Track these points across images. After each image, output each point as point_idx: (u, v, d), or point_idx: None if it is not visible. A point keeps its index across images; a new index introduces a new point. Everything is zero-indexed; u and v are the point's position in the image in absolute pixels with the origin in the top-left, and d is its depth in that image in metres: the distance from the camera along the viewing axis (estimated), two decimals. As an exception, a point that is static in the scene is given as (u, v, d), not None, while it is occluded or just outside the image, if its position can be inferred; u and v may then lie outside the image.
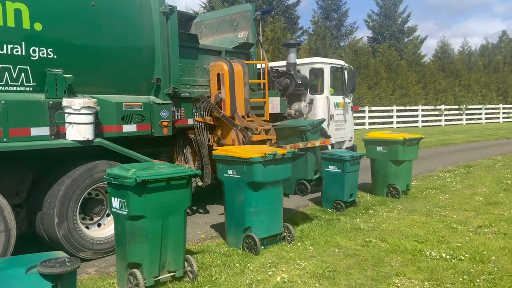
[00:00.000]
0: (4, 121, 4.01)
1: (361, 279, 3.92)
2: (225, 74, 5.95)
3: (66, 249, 4.29)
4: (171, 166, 4.01)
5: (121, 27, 5.02)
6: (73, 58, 4.58)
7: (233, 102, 6.02)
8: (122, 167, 3.78)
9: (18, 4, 4.18)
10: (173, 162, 6.14)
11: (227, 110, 5.99)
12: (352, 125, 9.24)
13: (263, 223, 4.66)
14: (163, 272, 3.76)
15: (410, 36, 34.37)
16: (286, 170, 4.78)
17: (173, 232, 3.75)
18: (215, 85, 6.06)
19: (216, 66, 6.05)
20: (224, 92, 5.98)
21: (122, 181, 3.52)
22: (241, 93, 6.15)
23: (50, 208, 4.30)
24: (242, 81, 6.14)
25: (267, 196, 4.63)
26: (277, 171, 4.62)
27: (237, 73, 6.07)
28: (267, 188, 4.59)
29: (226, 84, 5.96)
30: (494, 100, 31.87)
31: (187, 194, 3.81)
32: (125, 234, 3.61)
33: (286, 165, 4.76)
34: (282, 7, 28.11)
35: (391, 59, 27.29)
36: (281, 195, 4.84)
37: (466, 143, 16.99)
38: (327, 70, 8.38)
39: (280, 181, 4.78)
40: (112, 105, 4.83)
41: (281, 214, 4.86)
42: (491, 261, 4.27)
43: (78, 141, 4.41)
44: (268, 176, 4.54)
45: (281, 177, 4.75)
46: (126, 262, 3.66)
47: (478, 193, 7.45)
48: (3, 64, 4.10)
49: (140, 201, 3.51)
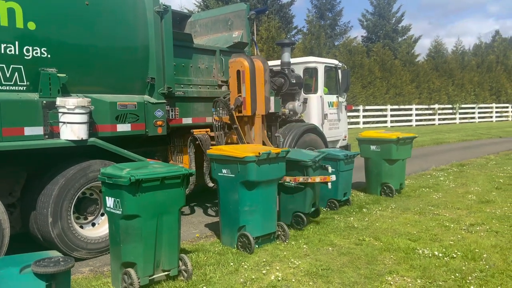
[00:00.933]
0: (-3, 121, 4.00)
1: (354, 277, 3.95)
2: (246, 71, 5.75)
3: (60, 249, 4.29)
4: (165, 166, 4.01)
5: (115, 26, 5.01)
6: (67, 57, 4.57)
7: (253, 101, 5.81)
8: (116, 166, 3.79)
9: (11, 3, 4.16)
10: (167, 161, 6.15)
11: (247, 109, 5.83)
12: (346, 124, 9.28)
13: (257, 222, 4.68)
14: (158, 271, 3.77)
15: (404, 35, 34.55)
16: (280, 169, 4.80)
17: (167, 231, 3.76)
18: (235, 83, 5.87)
19: (236, 63, 5.84)
20: (245, 90, 5.77)
21: (116, 180, 3.52)
22: (262, 91, 5.94)
23: (44, 207, 4.30)
24: (263, 78, 5.94)
25: (261, 195, 4.65)
26: (271, 170, 4.64)
27: (258, 69, 5.86)
28: (261, 187, 4.62)
29: (247, 81, 5.75)
30: (487, 99, 32.14)
31: (182, 193, 3.82)
32: (119, 234, 3.62)
33: (280, 164, 4.78)
34: (277, 6, 28.14)
35: (385, 59, 27.42)
36: (275, 194, 4.86)
37: (459, 142, 17.13)
38: (321, 70, 8.41)
39: (275, 180, 4.81)
40: (106, 105, 4.83)
41: (275, 213, 4.88)
42: (483, 259, 4.31)
43: (72, 141, 4.40)
44: (262, 175, 4.56)
45: (275, 176, 4.77)
46: (120, 262, 3.67)
47: (470, 191, 7.51)
48: (-3, 64, 4.08)
49: (134, 200, 3.51)
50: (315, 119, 8.29)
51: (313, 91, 8.47)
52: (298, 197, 5.39)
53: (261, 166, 4.51)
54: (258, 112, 5.95)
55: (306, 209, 5.37)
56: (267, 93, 6.08)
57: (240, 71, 5.82)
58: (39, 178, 4.52)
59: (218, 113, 6.01)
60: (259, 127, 6.04)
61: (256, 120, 5.99)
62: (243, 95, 5.82)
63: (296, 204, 5.40)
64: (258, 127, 6.01)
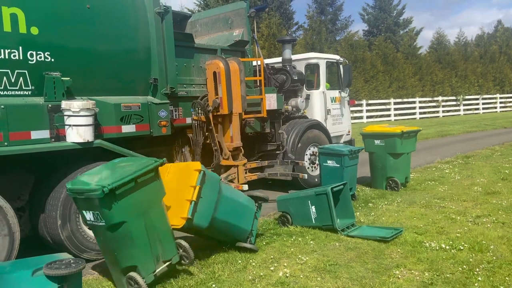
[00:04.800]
0: (4, 125, 4.05)
1: (362, 272, 3.95)
2: (222, 72, 5.99)
3: (70, 251, 4.34)
4: (132, 161, 3.83)
5: (116, 28, 5.04)
6: (70, 60, 4.62)
7: (230, 100, 6.08)
8: (82, 179, 3.49)
9: (14, 9, 4.20)
10: (172, 161, 6.19)
11: (224, 108, 6.05)
12: (349, 119, 9.29)
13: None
14: (159, 264, 3.71)
15: (406, 28, 34.44)
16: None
17: (157, 223, 3.66)
18: (212, 83, 6.10)
19: (212, 65, 6.09)
20: (221, 90, 6.03)
21: (89, 194, 3.29)
22: (238, 91, 6.20)
23: (53, 210, 4.35)
24: (238, 78, 6.18)
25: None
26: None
27: (233, 70, 6.11)
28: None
29: (222, 82, 6.01)
30: (491, 90, 31.96)
31: (159, 184, 3.72)
32: (109, 244, 3.50)
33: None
34: (277, 3, 28.11)
35: (387, 52, 27.33)
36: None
37: (464, 134, 17.06)
38: (322, 65, 8.42)
39: None
40: (111, 106, 4.87)
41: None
42: (490, 250, 4.30)
43: (78, 143, 4.45)
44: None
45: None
46: (119, 268, 3.56)
47: (476, 183, 7.49)
48: (1, 69, 4.13)
49: (114, 209, 3.32)
50: (318, 115, 8.31)
51: (315, 87, 8.48)
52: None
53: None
54: (235, 110, 6.18)
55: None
56: (243, 92, 6.28)
57: (216, 72, 6.02)
58: (47, 181, 4.57)
59: (197, 113, 6.11)
60: (237, 125, 6.33)
61: (233, 118, 6.25)
62: (219, 95, 6.03)
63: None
64: (236, 124, 6.31)
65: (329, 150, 6.57)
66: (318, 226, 5.15)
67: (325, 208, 5.01)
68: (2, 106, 4.04)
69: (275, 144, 7.42)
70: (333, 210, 4.95)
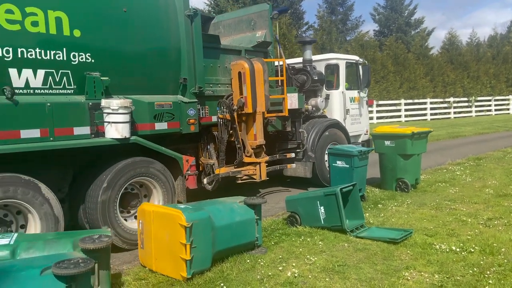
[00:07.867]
0: (50, 122, 4.31)
1: (371, 273, 3.92)
2: (247, 72, 6.16)
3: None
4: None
5: (150, 30, 5.28)
6: (109, 61, 4.86)
7: (254, 99, 6.25)
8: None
9: (59, 13, 4.46)
10: (197, 157, 6.42)
11: (248, 107, 6.22)
12: (367, 119, 9.44)
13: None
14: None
15: (417, 28, 34.35)
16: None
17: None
18: (237, 83, 6.28)
19: (238, 65, 6.27)
20: (246, 90, 6.21)
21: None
22: (262, 90, 6.36)
23: (93, 202, 4.60)
24: (262, 78, 6.35)
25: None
26: None
27: (257, 71, 6.28)
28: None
29: (247, 82, 6.19)
30: (504, 91, 31.73)
31: None
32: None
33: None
34: (287, 3, 28.24)
35: (398, 52, 27.32)
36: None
37: (475, 135, 17.00)
38: (342, 66, 8.60)
39: None
40: (145, 105, 5.11)
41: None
42: (501, 253, 4.25)
43: (116, 139, 4.70)
44: None
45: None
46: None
47: (488, 185, 7.38)
48: (48, 69, 4.39)
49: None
50: (337, 115, 8.49)
51: (335, 87, 8.67)
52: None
53: None
54: (258, 109, 6.36)
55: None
56: (266, 91, 6.46)
57: (241, 73, 6.21)
58: (87, 174, 4.83)
59: (222, 111, 6.33)
60: (260, 123, 6.51)
61: (257, 117, 6.43)
62: (244, 95, 6.21)
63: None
64: (259, 123, 6.49)
65: (338, 151, 6.59)
66: (327, 226, 5.13)
67: (334, 208, 5.00)
68: (49, 103, 4.31)
69: (295, 142, 7.62)
70: (342, 210, 4.93)
